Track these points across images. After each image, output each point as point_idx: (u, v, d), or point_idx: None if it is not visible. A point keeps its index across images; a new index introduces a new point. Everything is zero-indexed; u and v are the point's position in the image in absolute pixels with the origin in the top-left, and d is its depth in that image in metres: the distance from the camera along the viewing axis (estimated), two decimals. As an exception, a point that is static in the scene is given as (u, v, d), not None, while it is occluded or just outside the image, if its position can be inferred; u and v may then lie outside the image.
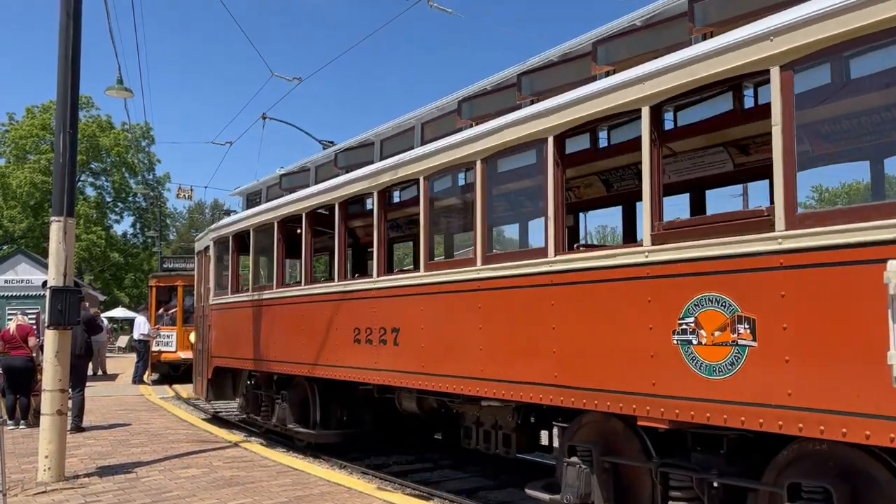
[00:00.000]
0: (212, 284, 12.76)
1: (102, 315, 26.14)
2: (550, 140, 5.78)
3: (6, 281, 25.13)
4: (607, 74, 5.74)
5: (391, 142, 8.92)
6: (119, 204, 53.02)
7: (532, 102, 6.38)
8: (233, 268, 12.01)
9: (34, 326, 12.36)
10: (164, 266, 24.21)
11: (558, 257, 5.69)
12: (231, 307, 11.83)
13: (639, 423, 5.02)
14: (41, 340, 10.25)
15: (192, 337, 20.93)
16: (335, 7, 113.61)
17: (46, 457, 7.35)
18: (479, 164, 6.56)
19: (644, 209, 5.07)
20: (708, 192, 7.35)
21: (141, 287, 48.44)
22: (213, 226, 13.07)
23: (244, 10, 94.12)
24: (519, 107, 6.54)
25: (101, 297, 39.78)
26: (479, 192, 6.59)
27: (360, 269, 12.45)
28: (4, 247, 43.79)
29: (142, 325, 21.02)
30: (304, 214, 9.67)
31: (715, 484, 4.86)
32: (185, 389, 18.69)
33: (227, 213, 15.73)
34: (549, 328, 5.66)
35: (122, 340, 39.08)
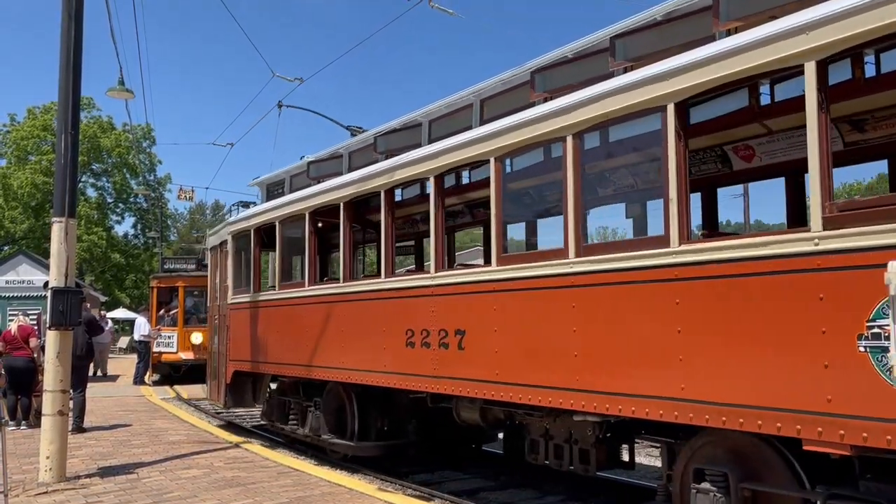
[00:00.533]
0: (230, 282, 11.79)
1: (106, 316, 26.09)
2: (671, 108, 4.91)
3: (7, 282, 25.14)
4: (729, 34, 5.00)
5: (443, 122, 8.03)
6: (120, 205, 53.09)
7: (629, 69, 5.61)
8: (255, 264, 11.02)
9: (35, 327, 12.37)
10: (165, 267, 24.18)
11: (684, 247, 4.83)
12: (253, 307, 10.93)
13: (805, 447, 4.14)
14: (42, 341, 10.27)
15: (195, 338, 21.08)
16: (336, 7, 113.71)
17: (48, 457, 7.36)
18: (569, 139, 5.68)
19: (811, 185, 4.23)
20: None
21: (142, 288, 48.46)
22: (230, 219, 12.11)
23: (245, 10, 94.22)
24: (611, 75, 5.77)
25: (103, 298, 39.79)
26: (570, 170, 5.69)
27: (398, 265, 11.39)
28: (6, 248, 43.85)
29: (142, 326, 21.04)
30: (341, 204, 8.78)
31: None
32: (186, 390, 18.71)
33: (230, 212, 15.27)
34: (674, 331, 4.81)
35: (123, 341, 39.11)
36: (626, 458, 6.63)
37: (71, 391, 8.47)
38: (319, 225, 9.80)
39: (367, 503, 6.66)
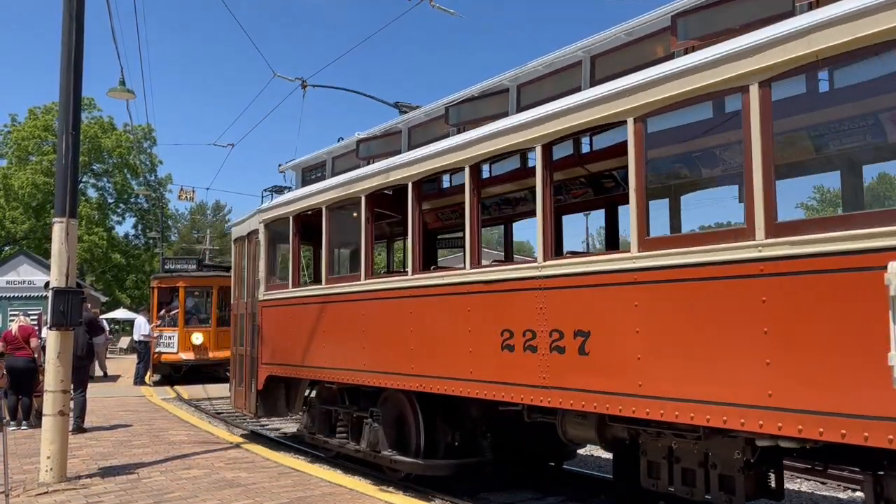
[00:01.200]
0: (262, 277, 10.54)
1: (102, 316, 26.13)
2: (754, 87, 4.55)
3: (8, 282, 25.19)
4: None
5: (540, 86, 6.87)
6: (121, 205, 53.13)
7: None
8: (294, 256, 9.84)
9: (36, 327, 12.38)
10: (166, 267, 24.21)
11: None
12: (292, 303, 9.75)
13: None
14: (43, 341, 10.27)
15: (195, 338, 21.10)
16: (336, 8, 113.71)
17: (48, 457, 7.36)
18: (754, 88, 4.57)
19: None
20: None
21: (143, 288, 48.47)
22: (262, 206, 10.84)
23: (245, 10, 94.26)
24: None
25: (103, 298, 39.84)
26: (755, 130, 4.57)
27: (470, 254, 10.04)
28: (6, 248, 43.90)
29: (142, 326, 21.06)
30: (409, 185, 7.62)
31: None
32: (187, 390, 18.71)
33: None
34: None
35: (124, 341, 39.12)
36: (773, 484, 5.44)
37: (71, 391, 8.48)
38: (378, 209, 8.75)
39: (368, 503, 6.67)
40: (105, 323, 23.92)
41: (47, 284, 7.84)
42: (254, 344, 10.78)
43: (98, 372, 22.04)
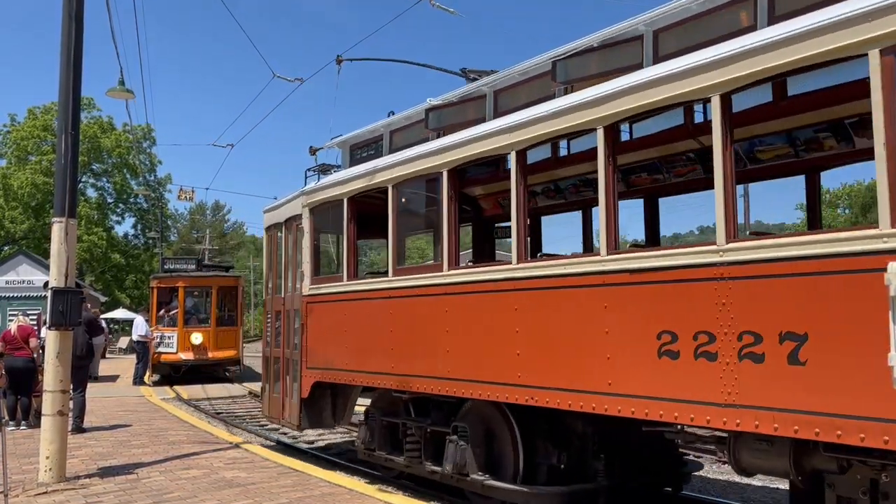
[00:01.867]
0: (306, 268, 9.25)
1: (101, 316, 26.11)
2: None
3: (7, 282, 25.18)
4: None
5: (684, 30, 5.64)
6: (120, 205, 53.17)
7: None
8: (350, 243, 8.57)
9: (35, 327, 12.37)
10: (166, 267, 24.22)
11: None
12: (346, 298, 8.49)
13: None
14: (42, 341, 10.26)
15: (195, 338, 21.11)
16: (335, 7, 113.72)
17: (47, 457, 7.35)
18: None
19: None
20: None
21: (142, 288, 48.48)
22: (306, 187, 9.51)
23: (245, 10, 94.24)
24: None
25: (103, 298, 39.85)
26: None
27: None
28: (6, 248, 43.89)
29: (141, 326, 21.06)
30: (512, 154, 6.22)
31: None
32: (186, 390, 18.71)
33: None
34: None
35: (123, 341, 39.13)
36: None
37: (71, 391, 8.47)
38: (462, 187, 7.68)
39: (367, 503, 6.66)
40: (102, 322, 23.91)
41: (46, 284, 7.84)
42: (296, 345, 9.47)
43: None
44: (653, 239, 7.92)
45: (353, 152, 9.58)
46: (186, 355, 21.20)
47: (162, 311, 22.06)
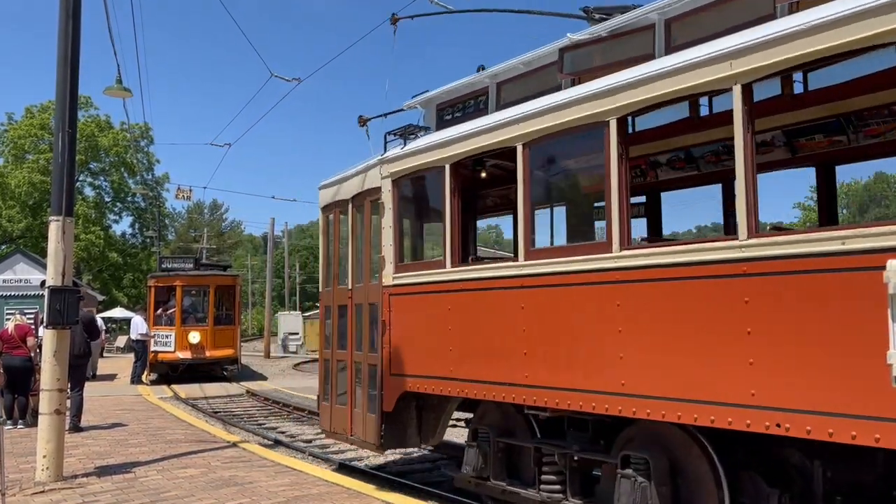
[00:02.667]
0: (389, 253, 7.62)
1: (99, 315, 26.09)
2: None
3: (4, 281, 25.13)
4: None
5: None
6: (118, 204, 53.13)
7: None
8: (453, 221, 6.87)
9: (33, 326, 12.35)
10: (163, 266, 24.18)
11: None
12: (450, 289, 6.82)
13: None
14: (40, 340, 10.24)
15: (192, 337, 21.09)
16: (333, 7, 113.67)
17: (44, 456, 7.34)
18: None
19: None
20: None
21: (139, 287, 48.45)
22: (387, 154, 7.79)
23: (243, 10, 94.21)
24: None
25: (100, 297, 39.80)
26: None
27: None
28: (3, 246, 43.82)
29: (139, 326, 21.03)
30: (738, 88, 4.55)
31: None
32: (184, 390, 18.70)
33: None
34: None
35: (121, 340, 39.10)
36: None
37: (68, 390, 8.47)
38: (633, 144, 6.16)
39: (365, 502, 6.66)
40: (100, 321, 23.91)
41: (43, 283, 7.83)
42: (374, 346, 7.86)
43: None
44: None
45: (441, 113, 7.93)
46: (184, 354, 21.18)
47: (160, 310, 22.04)
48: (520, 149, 6.12)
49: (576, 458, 5.96)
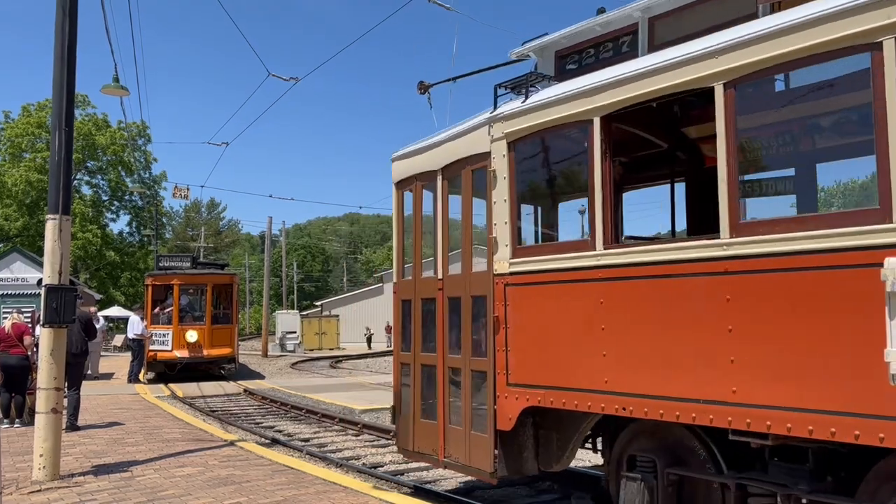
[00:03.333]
0: (503, 232, 6.13)
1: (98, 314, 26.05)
2: None
3: (1, 279, 25.14)
4: None
5: None
6: (115, 202, 53.14)
7: None
8: (605, 191, 5.39)
9: (29, 325, 12.33)
10: (160, 265, 24.16)
11: None
12: (602, 277, 5.34)
13: None
14: (36, 339, 10.23)
15: (190, 336, 21.06)
16: (332, 6, 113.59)
17: (41, 455, 7.33)
18: None
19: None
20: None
21: (137, 286, 48.44)
22: (502, 110, 6.21)
23: (241, 9, 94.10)
24: None
25: (97, 296, 39.77)
26: None
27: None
28: (0, 245, 43.77)
29: (136, 325, 21.01)
30: None
31: None
32: (181, 388, 18.68)
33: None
34: None
35: (119, 339, 39.07)
36: None
37: (65, 389, 8.46)
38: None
39: (363, 501, 6.65)
40: (102, 319, 23.88)
41: (40, 282, 7.82)
42: (481, 349, 6.42)
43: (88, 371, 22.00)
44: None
45: (563, 61, 6.62)
46: (182, 353, 21.17)
47: (157, 309, 22.03)
48: (719, 90, 4.65)
49: (804, 501, 4.40)
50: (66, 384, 9.50)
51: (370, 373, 27.40)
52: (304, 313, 56.95)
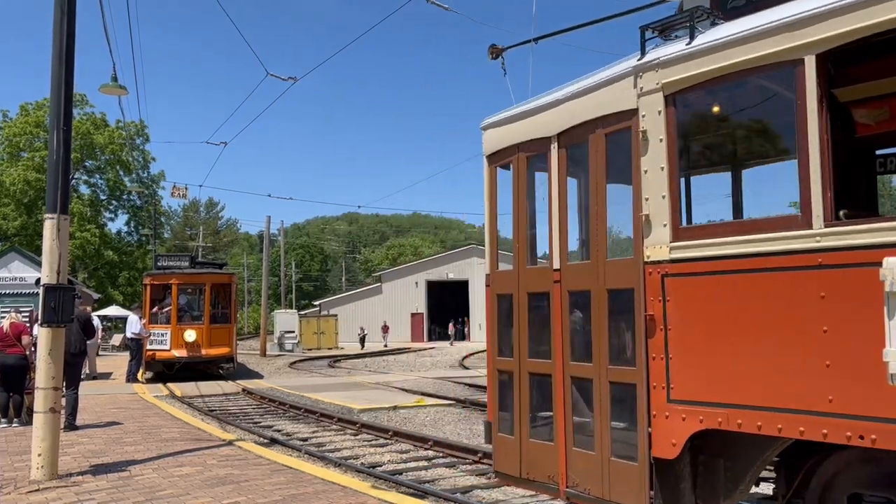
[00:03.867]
0: (658, 208, 4.93)
1: (94, 314, 26.05)
2: None
3: (0, 279, 25.09)
4: None
5: None
6: (113, 202, 53.09)
7: None
8: (822, 151, 4.15)
9: (28, 324, 12.33)
10: (159, 264, 24.16)
11: None
12: (827, 265, 4.05)
13: None
14: (35, 338, 10.21)
15: (188, 335, 21.04)
16: (331, 7, 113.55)
17: (39, 455, 7.32)
18: None
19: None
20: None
21: (135, 285, 48.41)
22: (661, 55, 5.01)
23: (240, 9, 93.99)
24: None
25: (95, 296, 39.75)
26: None
27: None
28: (-2, 245, 43.76)
29: (134, 324, 21.00)
30: None
31: None
32: (179, 388, 18.67)
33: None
34: None
35: (117, 339, 39.04)
36: None
37: (64, 389, 8.45)
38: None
39: (361, 501, 6.65)
40: (96, 319, 23.84)
41: (38, 281, 7.81)
42: (625, 356, 5.25)
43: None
44: None
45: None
46: (180, 352, 21.16)
47: (155, 309, 22.01)
48: None
49: None
50: (65, 384, 9.49)
51: (369, 372, 27.40)
52: (303, 313, 56.96)
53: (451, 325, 56.89)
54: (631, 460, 4.99)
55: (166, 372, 21.33)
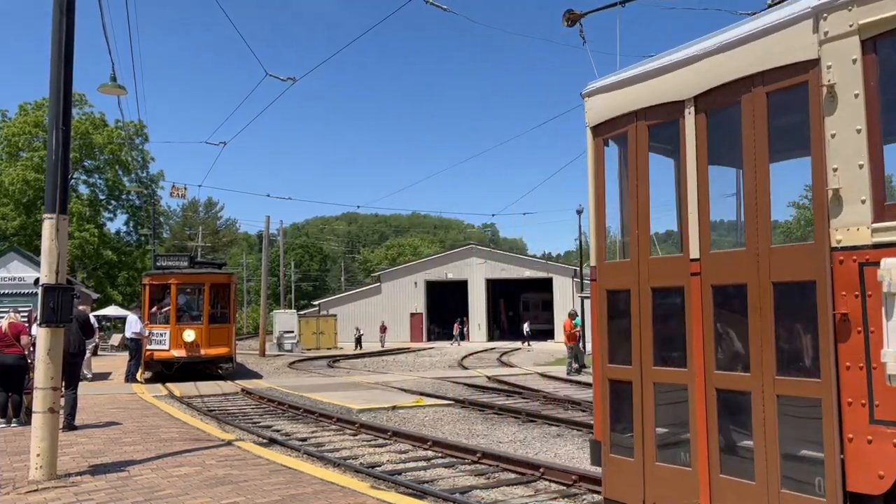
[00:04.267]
0: (856, 180, 3.87)
1: (92, 314, 26.03)
2: None
3: (-1, 279, 25.09)
4: None
5: None
6: (112, 202, 53.07)
7: None
8: None
9: (26, 324, 12.32)
10: (158, 264, 24.16)
11: None
12: None
13: None
14: (33, 338, 10.21)
15: (187, 335, 21.02)
16: (331, 7, 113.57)
17: (38, 455, 7.32)
18: None
19: None
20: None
21: (134, 285, 48.41)
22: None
23: (240, 9, 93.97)
24: None
25: (94, 296, 39.74)
26: None
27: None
28: (-3, 244, 43.75)
29: (134, 324, 20.99)
30: None
31: None
32: (179, 388, 18.66)
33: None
34: None
35: (116, 339, 39.03)
36: None
37: (63, 389, 8.44)
38: None
39: (360, 501, 6.65)
40: (94, 321, 23.82)
41: (37, 281, 7.80)
42: (803, 365, 4.29)
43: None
44: None
45: None
46: (179, 352, 21.16)
47: (154, 308, 22.01)
48: None
49: None
50: (64, 384, 9.49)
51: (368, 372, 27.40)
52: (302, 313, 56.92)
53: (455, 326, 56.72)
54: (815, 494, 4.02)
55: (165, 372, 21.32)
